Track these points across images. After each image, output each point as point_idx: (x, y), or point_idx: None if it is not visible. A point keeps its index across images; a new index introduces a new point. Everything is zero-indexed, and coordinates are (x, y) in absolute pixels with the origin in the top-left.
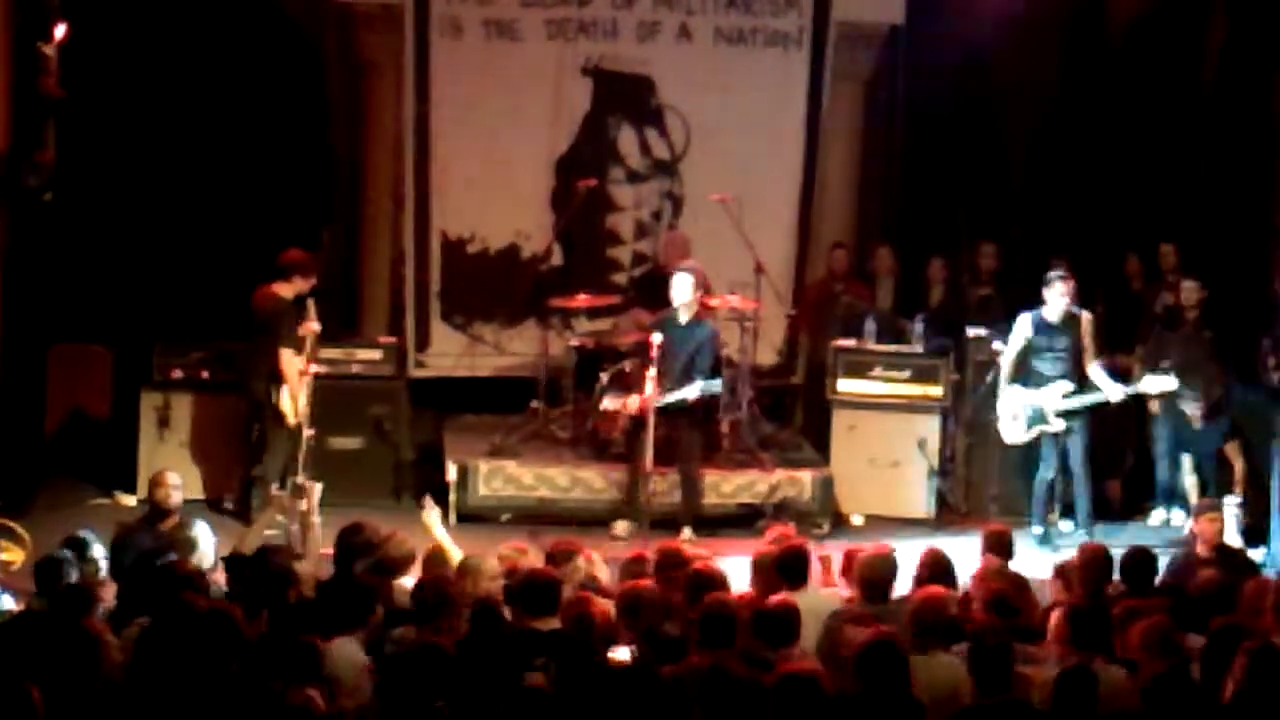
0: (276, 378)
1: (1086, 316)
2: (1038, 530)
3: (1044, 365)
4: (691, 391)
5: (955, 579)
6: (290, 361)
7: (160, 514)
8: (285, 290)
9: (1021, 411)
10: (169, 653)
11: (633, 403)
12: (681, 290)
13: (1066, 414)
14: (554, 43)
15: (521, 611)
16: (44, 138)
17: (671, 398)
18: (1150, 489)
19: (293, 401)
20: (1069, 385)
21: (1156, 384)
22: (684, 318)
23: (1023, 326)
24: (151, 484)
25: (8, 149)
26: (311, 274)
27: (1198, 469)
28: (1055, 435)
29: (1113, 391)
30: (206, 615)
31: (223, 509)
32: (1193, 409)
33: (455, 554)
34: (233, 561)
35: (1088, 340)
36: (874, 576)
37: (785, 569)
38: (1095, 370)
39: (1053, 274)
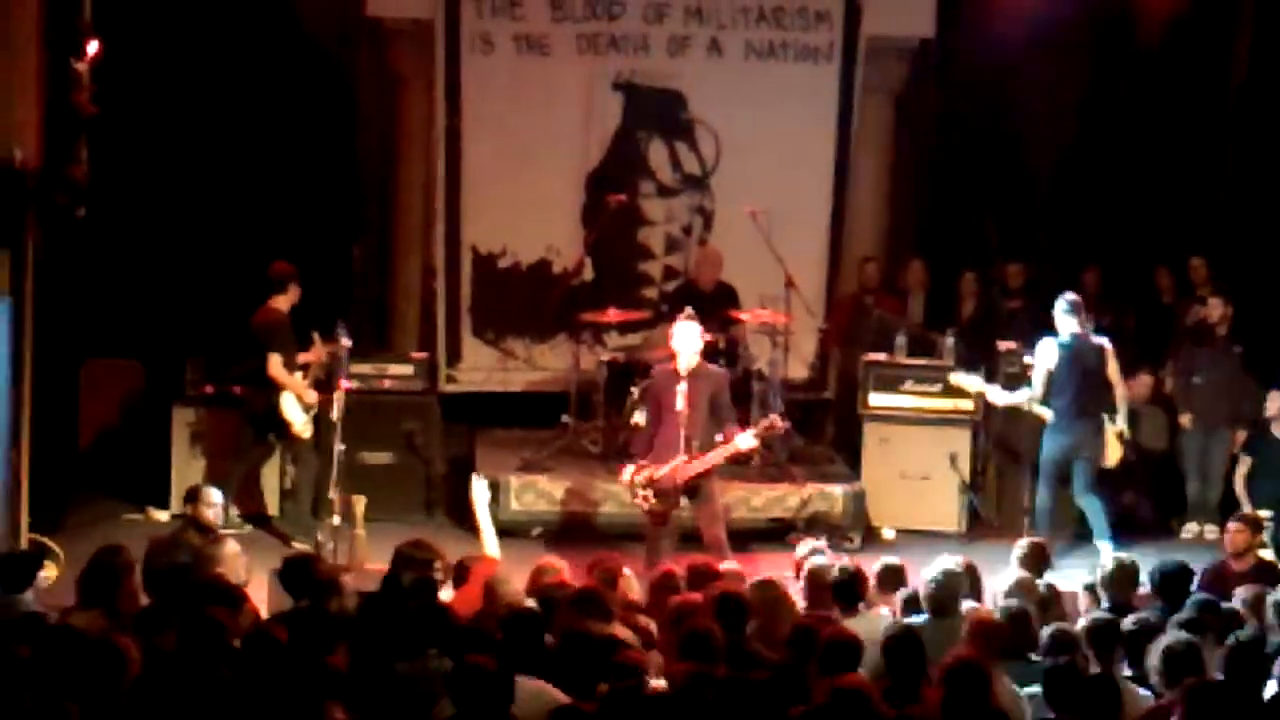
0: (276, 389)
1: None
2: None
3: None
4: (745, 440)
5: (982, 593)
6: (277, 367)
7: (199, 530)
8: (281, 303)
9: None
10: (200, 667)
11: (683, 471)
12: (688, 340)
13: None
14: (585, 57)
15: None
16: (76, 154)
17: (714, 456)
18: (1181, 504)
19: (300, 401)
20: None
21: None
22: (685, 367)
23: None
24: (194, 500)
25: (40, 165)
26: (300, 281)
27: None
28: None
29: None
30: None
31: (258, 524)
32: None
33: (491, 543)
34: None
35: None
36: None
37: (840, 591)
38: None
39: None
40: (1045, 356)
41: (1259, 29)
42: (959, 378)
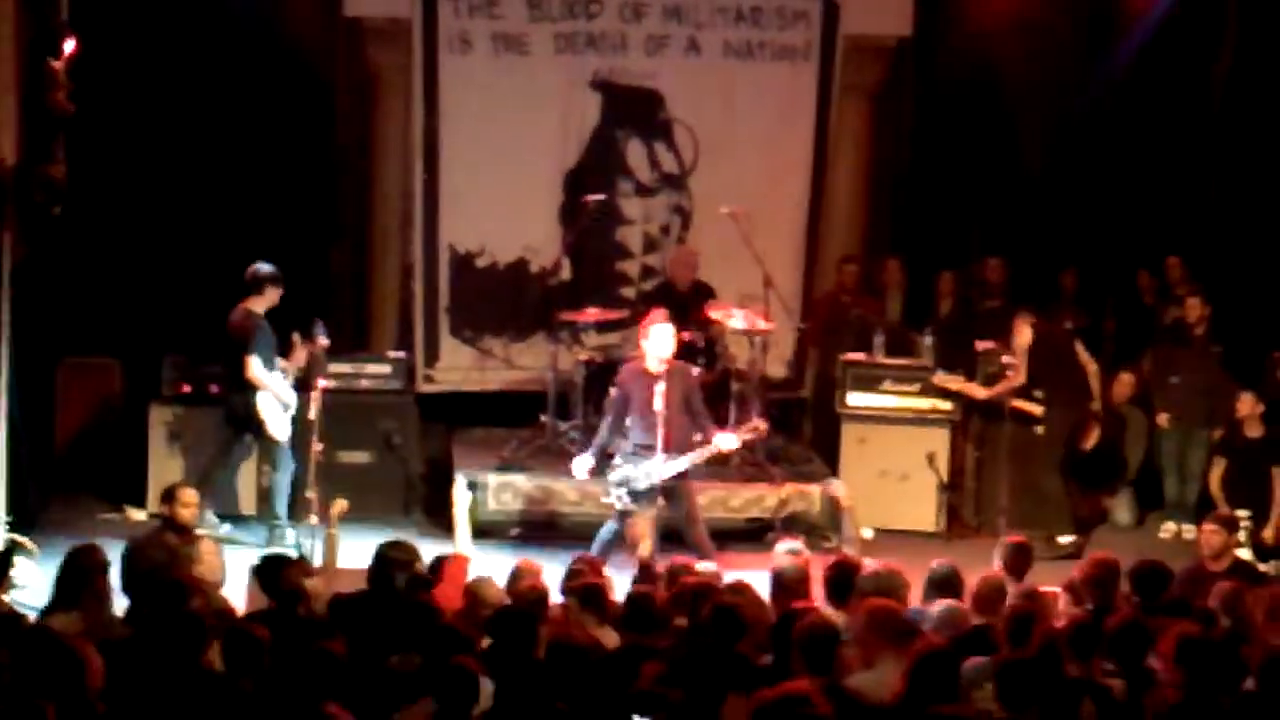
0: (252, 390)
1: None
2: None
3: None
4: (727, 441)
5: (962, 592)
6: (256, 368)
7: (175, 529)
8: (258, 304)
9: None
10: (176, 667)
11: (662, 471)
12: (663, 342)
13: None
14: (563, 57)
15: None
16: (53, 152)
17: (695, 456)
18: (1159, 504)
19: (278, 401)
20: None
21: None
22: (657, 367)
23: None
24: (170, 500)
25: (17, 163)
26: (281, 283)
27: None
28: None
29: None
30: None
31: (235, 524)
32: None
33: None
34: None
35: None
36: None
37: (832, 587)
38: None
39: None
40: (1023, 336)
41: (1242, 33)
42: (941, 377)
